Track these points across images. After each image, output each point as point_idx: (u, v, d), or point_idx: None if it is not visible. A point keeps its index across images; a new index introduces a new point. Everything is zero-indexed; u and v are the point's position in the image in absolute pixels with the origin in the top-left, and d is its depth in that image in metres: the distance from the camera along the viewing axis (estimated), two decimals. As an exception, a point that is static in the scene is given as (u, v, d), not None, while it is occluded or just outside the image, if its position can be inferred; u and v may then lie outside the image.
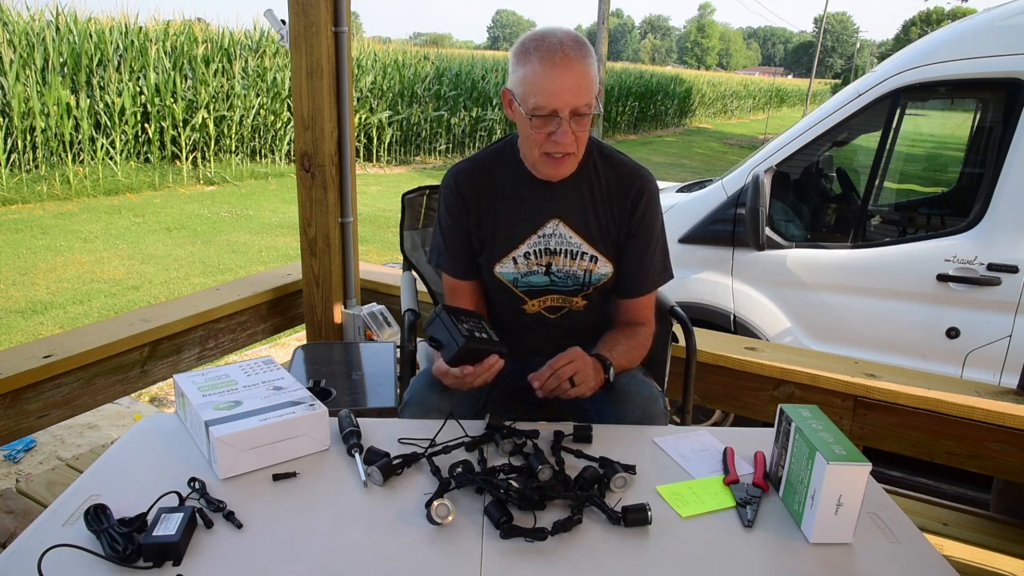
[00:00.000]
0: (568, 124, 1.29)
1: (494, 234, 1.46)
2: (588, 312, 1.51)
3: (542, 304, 1.50)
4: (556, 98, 1.26)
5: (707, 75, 33.21)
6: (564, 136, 1.29)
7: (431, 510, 0.95)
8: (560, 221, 1.44)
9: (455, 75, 14.14)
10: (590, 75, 1.29)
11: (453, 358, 1.22)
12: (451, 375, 1.25)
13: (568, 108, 1.28)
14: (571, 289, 1.48)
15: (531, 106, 1.29)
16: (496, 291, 1.51)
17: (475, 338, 1.22)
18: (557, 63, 1.26)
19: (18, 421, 1.84)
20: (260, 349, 4.06)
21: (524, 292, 1.48)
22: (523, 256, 1.45)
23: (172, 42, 10.06)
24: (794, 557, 0.96)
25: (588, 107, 1.29)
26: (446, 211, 1.50)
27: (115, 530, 0.89)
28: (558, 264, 1.46)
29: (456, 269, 1.51)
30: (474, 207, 1.46)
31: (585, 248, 1.45)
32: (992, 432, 1.85)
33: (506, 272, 1.47)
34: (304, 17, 2.29)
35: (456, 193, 1.47)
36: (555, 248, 1.45)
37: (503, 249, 1.46)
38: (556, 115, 1.28)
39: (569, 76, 1.26)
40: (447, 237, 1.51)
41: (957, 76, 2.68)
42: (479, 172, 1.48)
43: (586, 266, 1.46)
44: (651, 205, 1.46)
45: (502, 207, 1.45)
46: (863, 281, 2.81)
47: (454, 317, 1.24)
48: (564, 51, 1.26)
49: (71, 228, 6.88)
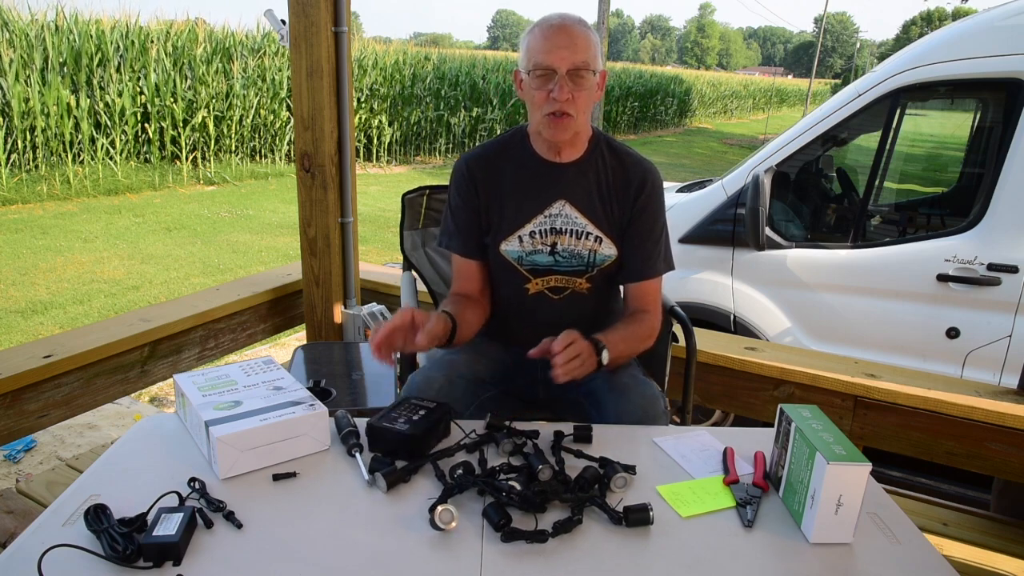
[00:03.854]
0: (565, 80, 1.35)
1: (501, 213, 1.49)
2: (591, 295, 1.52)
3: (545, 284, 1.51)
4: (552, 54, 1.35)
5: (707, 75, 33.21)
6: (561, 92, 1.35)
7: (435, 515, 0.94)
8: (566, 202, 1.47)
9: (455, 75, 14.14)
10: (588, 39, 1.38)
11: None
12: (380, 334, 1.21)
13: (565, 65, 1.35)
14: (575, 269, 1.49)
15: (531, 67, 1.38)
16: (500, 269, 1.53)
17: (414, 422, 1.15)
18: (555, 27, 1.38)
19: (18, 421, 1.83)
20: (260, 349, 4.06)
21: (528, 271, 1.50)
22: (529, 235, 1.48)
23: (173, 42, 10.06)
24: (794, 557, 0.96)
25: (585, 65, 1.36)
26: (456, 192, 1.54)
27: (115, 530, 0.89)
28: (563, 243, 1.48)
29: (464, 248, 1.54)
30: (484, 188, 1.51)
31: (590, 229, 1.47)
32: (992, 432, 1.85)
33: (511, 250, 1.49)
34: (304, 17, 2.29)
35: (467, 175, 1.52)
36: (561, 228, 1.47)
37: (510, 227, 1.49)
38: (554, 72, 1.35)
39: (565, 36, 1.36)
40: (456, 216, 1.54)
41: (957, 76, 2.68)
42: (489, 157, 1.53)
43: (591, 246, 1.48)
44: (654, 195, 1.50)
45: (510, 188, 1.49)
46: (863, 281, 2.81)
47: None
48: (562, 19, 1.39)
49: (71, 228, 6.88)
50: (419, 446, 1.12)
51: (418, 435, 1.11)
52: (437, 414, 1.18)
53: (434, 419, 1.16)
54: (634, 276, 1.51)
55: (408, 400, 1.22)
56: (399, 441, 1.11)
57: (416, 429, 1.12)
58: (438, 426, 1.18)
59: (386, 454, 1.12)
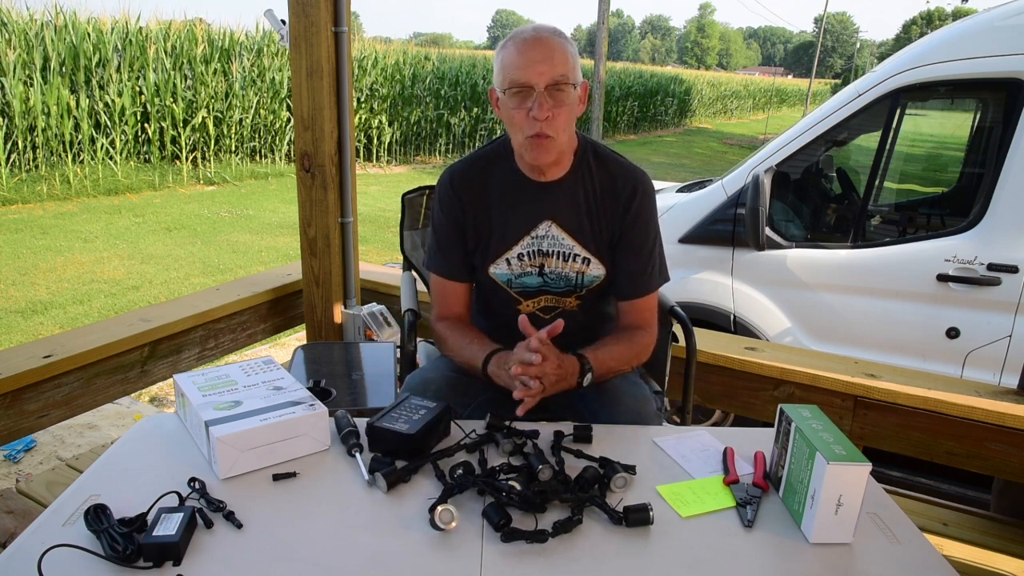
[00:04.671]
0: (544, 98, 1.29)
1: (488, 234, 1.46)
2: (582, 313, 1.50)
3: (536, 305, 1.49)
4: (528, 70, 1.29)
5: (707, 75, 33.21)
6: (541, 110, 1.28)
7: (435, 515, 0.94)
8: (552, 222, 1.43)
9: (455, 75, 14.14)
10: (566, 51, 1.31)
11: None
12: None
13: (543, 80, 1.29)
14: (564, 290, 1.47)
15: (507, 84, 1.32)
16: (490, 291, 1.50)
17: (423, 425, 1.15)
18: (528, 41, 1.31)
19: (18, 421, 1.83)
20: (260, 349, 4.06)
21: (518, 293, 1.48)
22: (516, 257, 1.45)
23: (172, 42, 10.06)
24: (794, 557, 0.96)
25: (564, 79, 1.30)
26: (440, 209, 1.50)
27: (115, 530, 0.89)
28: (551, 266, 1.45)
29: (448, 269, 1.50)
30: (470, 206, 1.46)
31: (577, 250, 1.44)
32: (992, 432, 1.85)
33: (500, 273, 1.46)
34: (304, 17, 2.29)
35: (451, 192, 1.47)
36: (547, 250, 1.44)
37: (497, 250, 1.45)
38: (531, 89, 1.29)
39: (541, 50, 1.30)
40: (440, 235, 1.50)
41: (957, 76, 2.68)
42: (474, 172, 1.48)
43: (578, 268, 1.45)
44: (645, 204, 1.45)
45: (496, 207, 1.45)
46: (863, 281, 2.81)
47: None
48: (535, 32, 1.32)
49: (71, 228, 6.88)
50: (419, 446, 1.12)
51: (418, 435, 1.11)
52: (437, 414, 1.18)
53: (434, 419, 1.16)
54: (627, 293, 1.48)
55: (408, 400, 1.22)
56: (399, 441, 1.11)
57: (416, 429, 1.12)
58: (438, 426, 1.18)
59: (386, 454, 1.12)
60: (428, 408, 1.19)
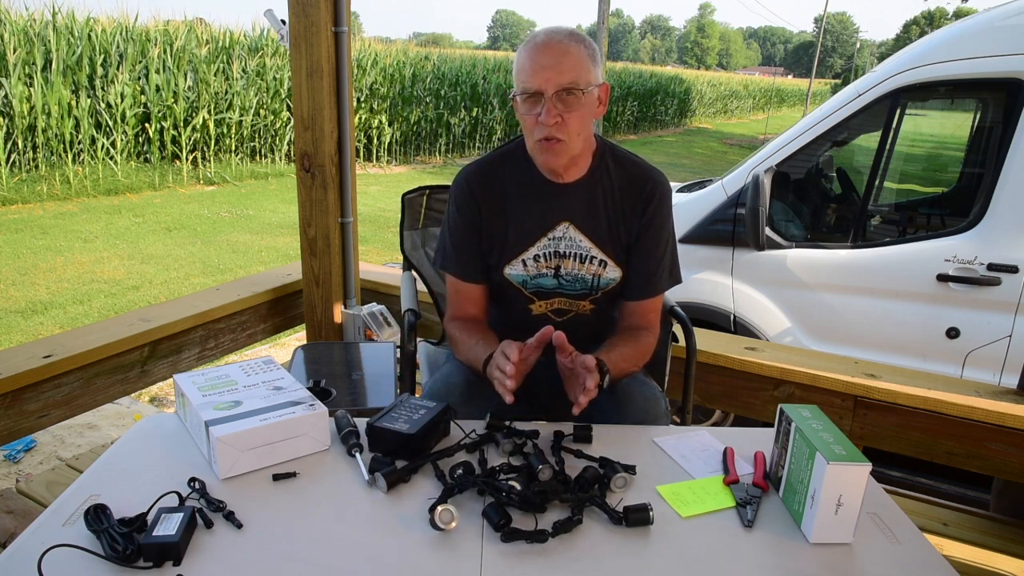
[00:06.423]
0: (553, 104, 1.29)
1: (505, 235, 1.45)
2: (594, 316, 1.50)
3: (549, 306, 1.49)
4: (538, 76, 1.29)
5: (707, 75, 33.21)
6: (549, 116, 1.28)
7: (435, 515, 0.94)
8: (570, 224, 1.43)
9: (455, 75, 14.14)
10: (577, 55, 1.30)
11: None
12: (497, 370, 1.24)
13: (552, 86, 1.28)
14: (579, 293, 1.47)
15: (519, 90, 1.33)
16: (504, 291, 1.50)
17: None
18: (539, 47, 1.31)
19: (18, 421, 1.83)
20: (260, 349, 4.06)
21: (533, 293, 1.48)
22: (533, 259, 1.45)
23: (172, 42, 10.06)
24: (794, 557, 0.96)
25: (574, 85, 1.29)
26: (456, 210, 1.49)
27: (115, 530, 0.89)
28: (567, 267, 1.45)
29: (463, 271, 1.50)
30: (486, 207, 1.46)
31: (594, 252, 1.44)
32: (992, 432, 1.85)
33: (515, 274, 1.46)
34: (304, 17, 2.29)
35: (468, 193, 1.47)
36: (564, 251, 1.44)
37: (514, 251, 1.45)
38: (540, 95, 1.29)
39: (551, 55, 1.29)
40: (455, 237, 1.49)
41: (957, 76, 2.68)
42: (491, 173, 1.48)
43: (595, 270, 1.45)
44: (662, 207, 1.45)
45: (513, 208, 1.45)
46: (863, 281, 2.81)
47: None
48: (549, 36, 1.31)
49: (71, 228, 6.88)
50: (419, 446, 1.12)
51: (418, 435, 1.11)
52: (437, 414, 1.18)
53: (434, 419, 1.16)
54: (635, 294, 1.48)
55: (408, 400, 1.22)
56: (399, 441, 1.11)
57: (416, 429, 1.12)
58: (438, 426, 1.18)
59: (386, 454, 1.12)
60: (428, 408, 1.19)
